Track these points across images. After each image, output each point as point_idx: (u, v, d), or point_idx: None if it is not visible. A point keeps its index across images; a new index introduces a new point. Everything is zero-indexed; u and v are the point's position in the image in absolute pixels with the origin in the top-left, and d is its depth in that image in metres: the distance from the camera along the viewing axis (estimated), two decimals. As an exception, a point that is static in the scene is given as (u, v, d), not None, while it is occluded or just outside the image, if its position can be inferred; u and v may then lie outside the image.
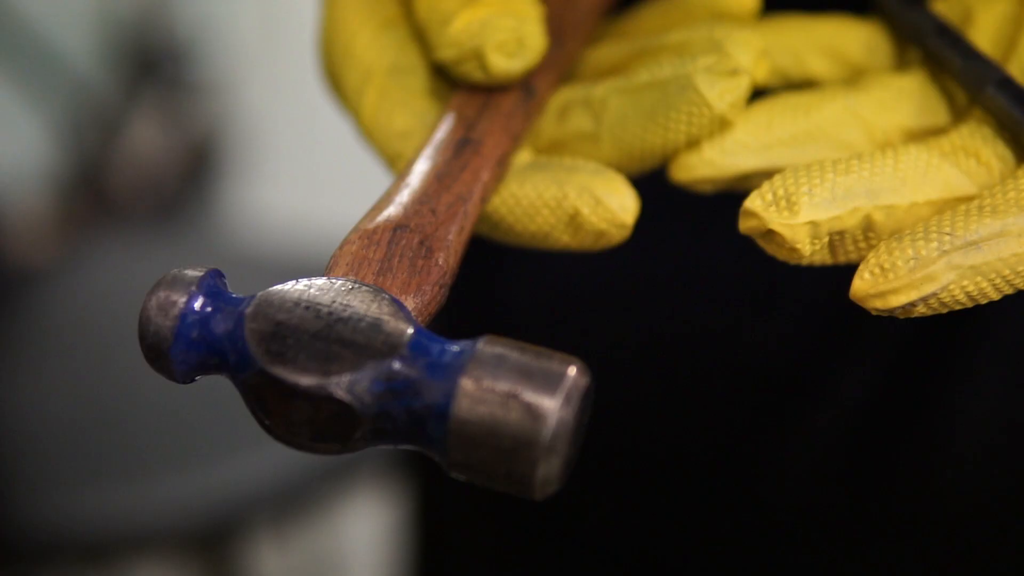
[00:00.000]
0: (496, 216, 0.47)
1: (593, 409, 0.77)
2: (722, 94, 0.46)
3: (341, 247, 0.43)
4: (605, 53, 0.51)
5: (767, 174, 0.47)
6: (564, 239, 0.47)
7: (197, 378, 0.42)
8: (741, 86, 0.46)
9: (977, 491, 0.71)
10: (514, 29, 0.47)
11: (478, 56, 0.47)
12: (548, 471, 0.39)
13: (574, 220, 0.46)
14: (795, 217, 0.43)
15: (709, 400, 0.75)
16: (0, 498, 1.34)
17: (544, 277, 0.77)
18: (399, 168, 0.48)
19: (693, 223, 0.70)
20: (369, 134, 0.49)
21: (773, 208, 0.43)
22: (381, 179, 0.49)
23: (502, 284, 0.79)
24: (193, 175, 1.96)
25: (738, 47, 0.47)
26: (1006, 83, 0.46)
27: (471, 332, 0.82)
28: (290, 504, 1.38)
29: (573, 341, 0.77)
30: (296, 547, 1.49)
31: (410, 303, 0.42)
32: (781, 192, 0.43)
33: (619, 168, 0.48)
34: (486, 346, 0.39)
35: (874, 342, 0.70)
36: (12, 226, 1.75)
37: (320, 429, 0.40)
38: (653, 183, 0.49)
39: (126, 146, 1.86)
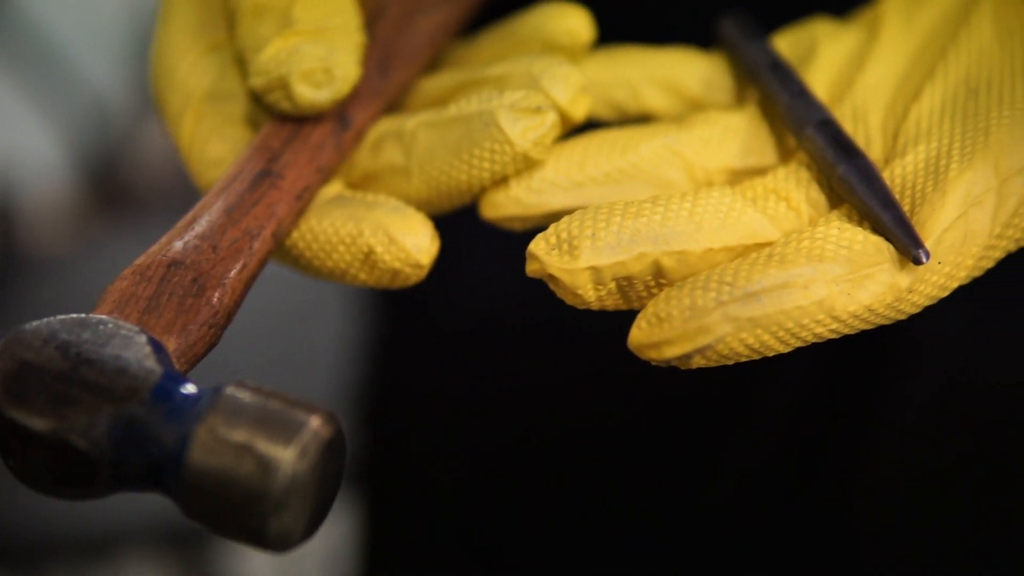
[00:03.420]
0: (295, 251, 0.46)
1: (535, 426, 0.78)
2: (525, 131, 0.45)
3: (113, 282, 0.42)
4: (435, 83, 0.50)
5: None
6: (361, 276, 0.45)
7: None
8: (546, 123, 0.45)
9: (900, 509, 0.70)
10: (323, 59, 0.46)
11: (284, 86, 0.46)
12: (283, 525, 0.37)
13: (369, 258, 0.45)
14: (575, 262, 0.42)
15: (644, 407, 0.74)
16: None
17: (478, 297, 0.77)
18: None
19: None
20: (186, 161, 0.48)
21: (555, 252, 0.42)
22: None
23: (437, 304, 0.79)
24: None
25: (554, 82, 0.46)
26: (825, 124, 0.44)
27: (407, 351, 0.83)
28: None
29: (506, 360, 0.77)
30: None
31: (172, 343, 0.41)
32: (565, 235, 0.42)
33: (429, 203, 0.47)
34: (229, 393, 0.38)
35: (802, 360, 0.69)
36: (29, 215, 1.76)
37: (60, 474, 0.39)
38: None
39: (146, 137, 1.87)
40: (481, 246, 0.71)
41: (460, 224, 0.51)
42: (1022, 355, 0.67)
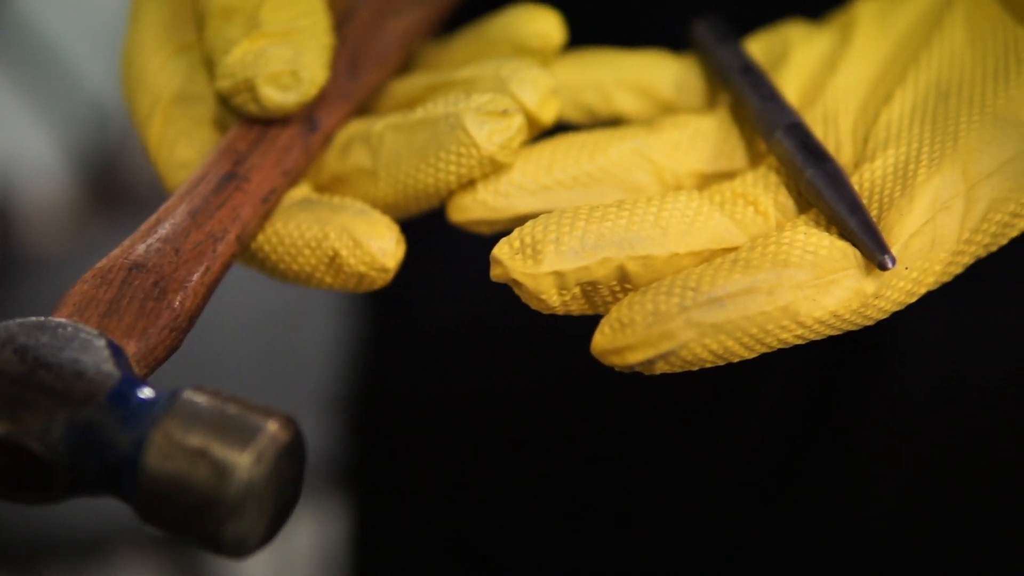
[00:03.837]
0: (260, 254, 0.45)
1: (521, 427, 0.78)
2: (491, 135, 0.44)
3: (74, 285, 0.42)
4: (405, 85, 0.50)
5: None
6: (327, 280, 0.45)
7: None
8: (512, 126, 0.45)
9: (890, 508, 0.70)
10: (289, 61, 0.45)
11: (250, 88, 0.45)
12: (239, 531, 0.37)
13: (334, 262, 0.45)
14: (538, 267, 0.41)
15: (632, 407, 0.74)
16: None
17: (463, 297, 0.76)
18: None
19: None
20: (154, 163, 0.48)
21: (518, 256, 0.42)
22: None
23: (422, 304, 0.79)
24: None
25: (522, 85, 0.45)
26: (794, 128, 0.44)
27: (393, 352, 0.82)
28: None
29: (492, 361, 0.77)
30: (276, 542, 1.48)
31: (132, 347, 0.40)
32: (528, 240, 0.42)
33: (396, 207, 0.46)
34: (186, 398, 0.38)
35: (790, 360, 0.69)
36: (27, 215, 1.76)
37: (17, 478, 0.38)
38: None
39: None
40: (465, 246, 0.71)
41: (443, 224, 0.51)
42: (1009, 354, 0.67)
